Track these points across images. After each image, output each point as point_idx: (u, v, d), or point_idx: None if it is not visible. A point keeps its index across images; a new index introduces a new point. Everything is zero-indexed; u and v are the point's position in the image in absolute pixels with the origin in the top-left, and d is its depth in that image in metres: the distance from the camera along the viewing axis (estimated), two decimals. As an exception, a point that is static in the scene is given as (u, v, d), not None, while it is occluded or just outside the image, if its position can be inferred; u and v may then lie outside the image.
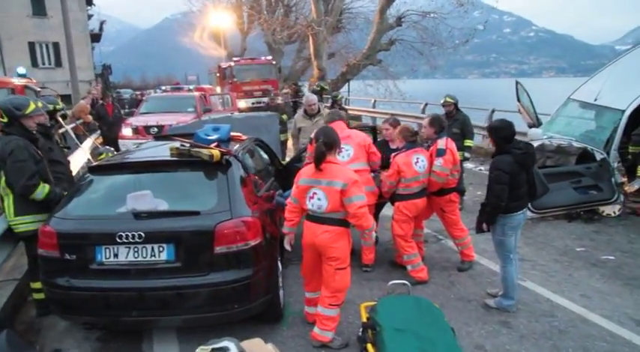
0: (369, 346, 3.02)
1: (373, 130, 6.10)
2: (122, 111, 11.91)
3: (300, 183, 3.57)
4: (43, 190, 3.76)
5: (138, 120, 10.87)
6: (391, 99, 23.12)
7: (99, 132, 10.27)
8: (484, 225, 4.07)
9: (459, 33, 24.10)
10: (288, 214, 3.71)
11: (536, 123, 8.49)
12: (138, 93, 24.20)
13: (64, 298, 3.26)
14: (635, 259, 5.36)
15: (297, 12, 30.13)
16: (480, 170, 10.64)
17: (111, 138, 10.20)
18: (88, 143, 8.85)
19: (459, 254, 5.22)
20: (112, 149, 5.95)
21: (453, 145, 4.82)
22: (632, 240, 5.98)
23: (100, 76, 26.06)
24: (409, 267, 4.76)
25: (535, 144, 7.26)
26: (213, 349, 2.11)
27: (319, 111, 6.74)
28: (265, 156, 5.14)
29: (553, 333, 3.83)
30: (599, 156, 6.84)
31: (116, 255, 3.19)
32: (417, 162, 4.63)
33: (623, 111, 6.82)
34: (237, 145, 4.25)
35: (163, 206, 3.35)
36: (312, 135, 3.79)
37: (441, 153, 4.66)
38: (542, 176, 4.37)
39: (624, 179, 6.98)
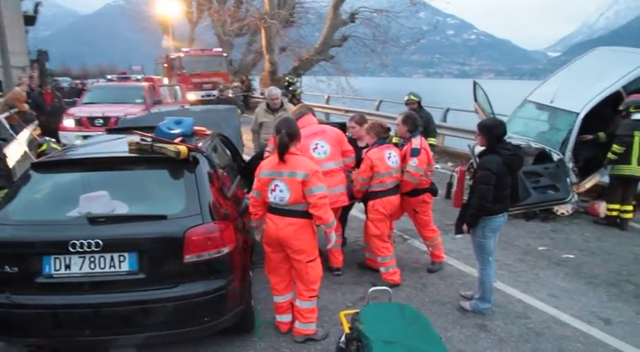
0: (356, 360, 2.80)
1: (342, 127, 5.89)
2: (63, 101, 10.96)
3: (262, 176, 3.45)
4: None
5: (81, 111, 10.03)
6: (344, 95, 23.08)
7: (36, 122, 9.38)
8: (464, 227, 3.96)
9: (407, 32, 24.46)
10: (252, 208, 3.58)
11: (493, 123, 8.63)
12: (77, 81, 22.59)
13: (4, 317, 2.78)
14: (593, 258, 5.51)
15: (249, 4, 29.41)
16: (436, 168, 10.74)
17: (50, 130, 9.34)
18: (25, 134, 8.03)
19: (428, 255, 5.13)
20: (54, 140, 5.36)
21: (427, 145, 4.70)
22: (586, 239, 6.16)
23: (35, 62, 24.10)
24: (382, 269, 4.60)
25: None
26: None
27: (282, 105, 6.42)
28: (229, 152, 4.78)
29: (530, 335, 3.81)
30: (556, 157, 7.01)
31: (68, 266, 2.76)
32: (389, 157, 4.48)
33: (578, 114, 7.02)
34: (203, 141, 3.88)
35: (123, 209, 2.95)
36: (275, 128, 3.57)
37: (415, 152, 4.53)
38: (526, 181, 4.34)
39: (577, 180, 7.20)
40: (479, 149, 7.14)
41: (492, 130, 3.87)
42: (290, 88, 11.46)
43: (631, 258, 5.50)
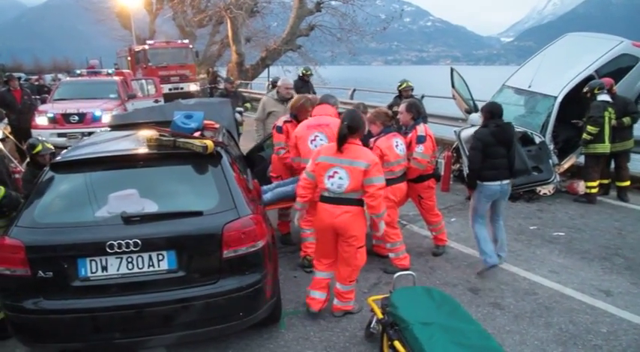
0: (397, 344, 2.87)
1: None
2: (34, 98, 10.43)
3: (320, 161, 3.56)
4: None
5: (54, 108, 9.58)
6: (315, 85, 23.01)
7: (5, 121, 8.89)
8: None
9: (370, 20, 24.65)
10: (302, 190, 3.69)
11: (472, 109, 8.87)
12: (33, 77, 21.53)
13: (38, 324, 2.69)
14: (581, 234, 5.80)
15: (210, -7, 28.78)
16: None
17: (21, 128, 8.89)
18: (-3, 134, 7.62)
19: (431, 239, 5.26)
20: (44, 139, 5.12)
21: (431, 132, 4.80)
22: (572, 217, 6.47)
23: (-16, 57, 22.73)
24: (392, 255, 4.69)
25: (475, 129, 7.62)
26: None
27: (292, 96, 6.34)
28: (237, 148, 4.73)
29: (542, 310, 3.99)
30: (537, 140, 7.28)
31: (105, 268, 2.68)
32: (397, 145, 4.53)
33: (556, 97, 7.31)
34: (216, 134, 3.83)
35: (152, 207, 2.89)
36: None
37: (421, 139, 4.62)
38: (524, 156, 4.67)
39: (557, 161, 7.53)
40: (465, 133, 7.39)
41: (486, 110, 4.56)
42: (308, 80, 10.68)
43: (615, 233, 5.82)
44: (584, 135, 6.88)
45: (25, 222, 2.75)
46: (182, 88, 19.55)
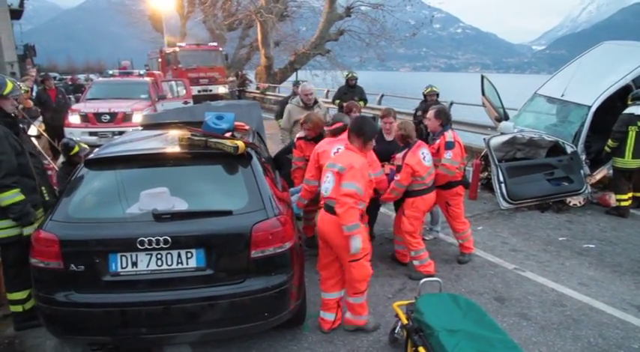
0: (422, 350, 2.85)
1: None
2: (69, 97, 10.78)
3: (325, 164, 3.60)
4: (12, 197, 3.23)
5: (86, 107, 9.86)
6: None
7: (40, 119, 9.23)
8: None
9: (401, 26, 24.54)
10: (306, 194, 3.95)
11: (502, 117, 8.74)
12: (67, 77, 22.22)
13: (69, 316, 2.77)
14: (613, 247, 5.63)
15: (240, -2, 29.21)
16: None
17: (55, 126, 9.20)
18: (33, 131, 7.90)
19: (457, 247, 5.19)
20: (78, 139, 5.29)
21: (459, 138, 4.75)
22: (602, 229, 6.29)
23: (23, 57, 23.60)
24: (416, 263, 4.65)
25: (507, 136, 7.50)
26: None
27: (316, 101, 6.29)
28: (265, 149, 4.78)
29: (569, 322, 3.90)
30: (569, 150, 7.12)
31: (135, 264, 2.75)
32: (424, 157, 4.45)
33: (590, 107, 7.14)
34: (247, 135, 3.88)
35: (182, 205, 2.95)
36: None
37: (450, 146, 4.58)
38: None
39: (589, 172, 7.34)
40: (495, 141, 7.27)
41: None
42: (355, 85, 9.83)
43: (649, 247, 5.64)
44: (605, 148, 6.82)
45: (59, 217, 2.84)
46: (211, 90, 19.84)
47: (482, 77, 8.97)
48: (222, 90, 20.01)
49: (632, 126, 6.48)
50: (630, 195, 6.76)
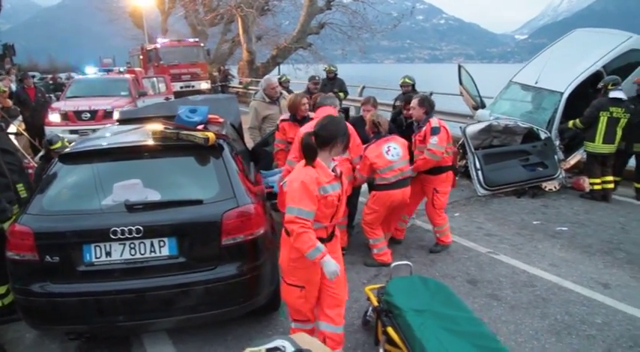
0: (390, 330, 2.96)
1: (346, 112, 6.00)
2: (49, 96, 10.70)
3: None
4: None
5: (66, 105, 9.82)
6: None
7: (20, 118, 9.16)
8: None
9: (381, 18, 24.64)
10: None
11: (479, 105, 8.90)
12: (49, 76, 21.95)
13: (45, 307, 2.83)
14: (584, 229, 5.81)
15: (222, -8, 29.03)
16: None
17: (35, 125, 9.15)
18: (12, 130, 7.85)
19: (435, 238, 5.21)
20: (61, 136, 5.28)
21: (445, 124, 4.83)
22: (576, 212, 6.47)
23: (3, 57, 23.24)
24: (375, 251, 4.75)
25: (483, 124, 7.65)
26: (267, 349, 1.90)
27: (281, 93, 6.22)
28: (241, 142, 4.84)
29: (538, 302, 4.04)
30: (543, 135, 7.30)
31: (109, 254, 2.81)
32: (388, 151, 4.50)
33: (562, 93, 7.32)
34: (220, 127, 3.94)
35: (155, 196, 3.01)
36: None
37: (435, 131, 4.66)
38: None
39: (563, 157, 7.53)
40: (471, 130, 7.41)
41: None
42: (335, 78, 9.84)
43: (619, 228, 5.83)
44: (570, 123, 7.06)
45: (34, 210, 2.90)
46: (193, 86, 19.79)
47: (460, 66, 9.12)
48: (204, 85, 19.97)
49: (604, 111, 6.62)
50: (608, 178, 6.84)
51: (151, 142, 3.22)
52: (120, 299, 2.83)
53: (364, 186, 5.33)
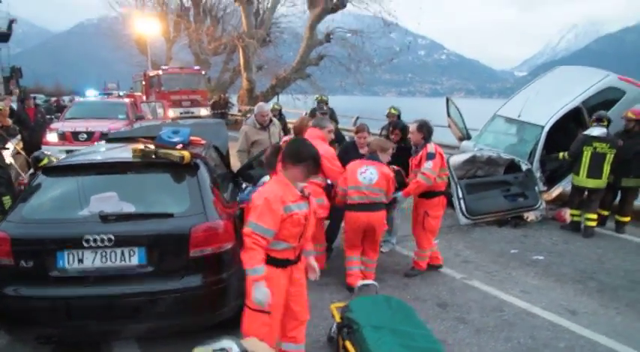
0: (348, 344, 3.06)
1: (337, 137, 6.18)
2: (48, 117, 10.98)
3: None
4: None
5: (64, 126, 10.10)
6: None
7: (19, 137, 9.41)
8: None
9: (381, 52, 25.33)
10: None
11: (465, 137, 9.15)
12: (53, 99, 22.45)
13: (18, 310, 2.95)
14: (561, 258, 5.92)
15: (226, 23, 29.95)
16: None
17: (33, 144, 9.37)
18: (10, 147, 8.07)
19: (412, 260, 5.32)
20: (49, 153, 5.47)
21: (441, 150, 4.94)
22: (555, 242, 6.59)
23: (9, 78, 23.80)
24: (346, 269, 4.82)
25: (467, 155, 7.86)
26: (214, 350, 2.03)
27: (271, 121, 6.47)
28: (222, 164, 5.03)
29: (504, 326, 4.13)
30: (524, 167, 7.49)
31: (81, 261, 2.96)
32: (363, 172, 4.56)
33: (543, 127, 7.55)
34: (199, 148, 4.14)
35: (130, 209, 3.18)
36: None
37: (431, 156, 4.76)
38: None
39: (544, 188, 7.70)
40: (454, 160, 7.61)
41: None
42: (325, 107, 10.22)
43: (595, 258, 5.93)
44: (560, 155, 7.14)
45: (13, 218, 3.07)
46: (193, 112, 20.16)
47: (447, 99, 9.41)
48: (203, 112, 20.35)
49: (588, 146, 6.69)
50: (591, 215, 6.80)
51: (129, 159, 3.41)
52: (90, 304, 2.96)
53: None
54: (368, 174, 4.57)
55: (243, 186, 5.13)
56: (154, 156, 3.42)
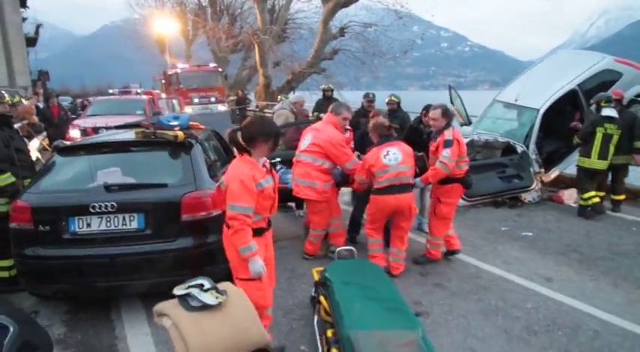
0: (322, 298, 3.46)
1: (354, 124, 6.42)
2: (72, 115, 11.74)
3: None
4: (6, 179, 3.96)
5: (86, 122, 10.80)
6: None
7: (45, 133, 10.14)
8: None
9: (399, 45, 25.46)
10: None
11: (467, 123, 9.40)
12: (79, 100, 23.48)
13: (38, 268, 3.49)
14: (549, 234, 6.16)
15: (243, 21, 30.57)
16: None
17: (57, 139, 10.07)
18: (35, 143, 8.77)
19: (425, 249, 5.24)
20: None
21: (460, 136, 4.81)
22: (547, 220, 6.82)
23: (37, 81, 25.03)
24: (369, 251, 4.88)
25: (466, 140, 8.10)
26: (189, 286, 2.46)
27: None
28: (220, 146, 5.48)
29: (478, 290, 4.46)
30: (519, 149, 7.72)
31: (89, 225, 3.46)
32: (386, 154, 4.53)
33: (538, 110, 7.76)
34: (197, 132, 4.60)
35: (130, 180, 3.67)
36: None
37: (448, 143, 4.64)
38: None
39: (541, 170, 7.90)
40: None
41: None
42: (331, 97, 10.75)
43: (583, 234, 6.15)
44: (574, 139, 7.12)
45: (33, 190, 3.62)
46: (211, 109, 20.79)
47: (450, 87, 9.65)
48: (221, 108, 20.96)
49: (600, 127, 6.67)
50: (592, 193, 6.83)
51: (131, 139, 3.90)
52: (97, 262, 3.47)
53: None
54: (392, 155, 4.54)
55: (278, 167, 5.59)
56: (153, 137, 3.89)
